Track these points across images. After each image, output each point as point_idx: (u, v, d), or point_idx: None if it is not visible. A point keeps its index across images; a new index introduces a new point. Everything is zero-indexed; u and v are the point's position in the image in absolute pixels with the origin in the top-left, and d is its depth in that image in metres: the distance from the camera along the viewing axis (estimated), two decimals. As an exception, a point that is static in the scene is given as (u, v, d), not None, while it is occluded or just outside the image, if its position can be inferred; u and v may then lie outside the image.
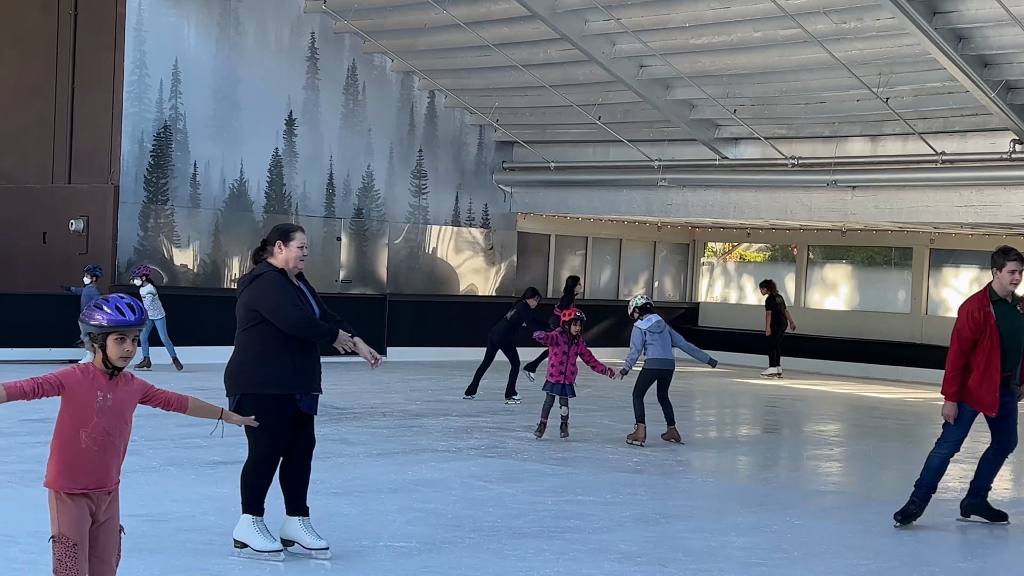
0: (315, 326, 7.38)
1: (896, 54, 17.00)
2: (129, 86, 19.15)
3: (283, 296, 7.26)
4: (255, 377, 7.26)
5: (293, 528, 7.42)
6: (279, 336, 7.25)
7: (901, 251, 24.62)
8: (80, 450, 5.04)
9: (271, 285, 7.29)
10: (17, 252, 21.13)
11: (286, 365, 7.27)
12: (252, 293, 7.32)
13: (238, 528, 7.33)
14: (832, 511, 9.92)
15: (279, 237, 7.42)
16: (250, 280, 7.40)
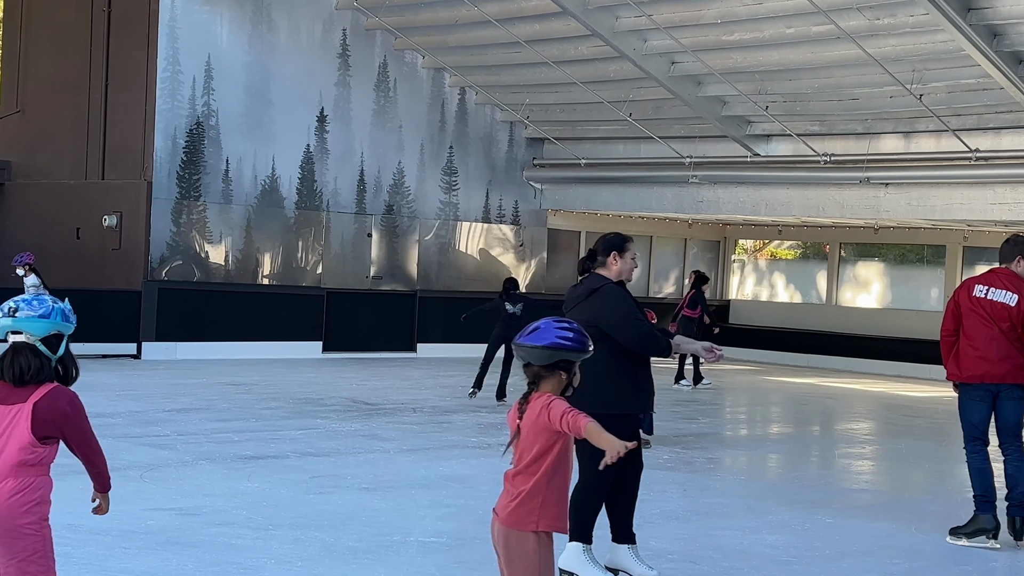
0: (656, 341, 6.90)
1: (930, 50, 16.88)
2: (162, 83, 19.26)
3: (628, 310, 6.78)
4: (599, 396, 6.48)
5: (622, 556, 7.05)
6: (621, 353, 6.78)
7: (934, 249, 24.46)
8: None
9: (614, 299, 6.81)
10: (51, 248, 21.28)
11: (628, 384, 6.83)
12: (593, 308, 6.77)
13: (565, 557, 6.81)
14: (864, 510, 9.87)
15: (614, 247, 6.93)
16: (587, 294, 6.86)
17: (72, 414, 4.48)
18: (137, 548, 7.18)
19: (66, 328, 4.52)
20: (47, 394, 4.40)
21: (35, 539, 4.43)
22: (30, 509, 4.41)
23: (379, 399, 15.27)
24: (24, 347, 4.42)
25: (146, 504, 8.39)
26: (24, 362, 4.39)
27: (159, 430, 11.80)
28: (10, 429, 4.39)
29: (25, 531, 4.41)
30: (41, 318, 4.44)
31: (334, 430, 12.45)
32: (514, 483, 4.70)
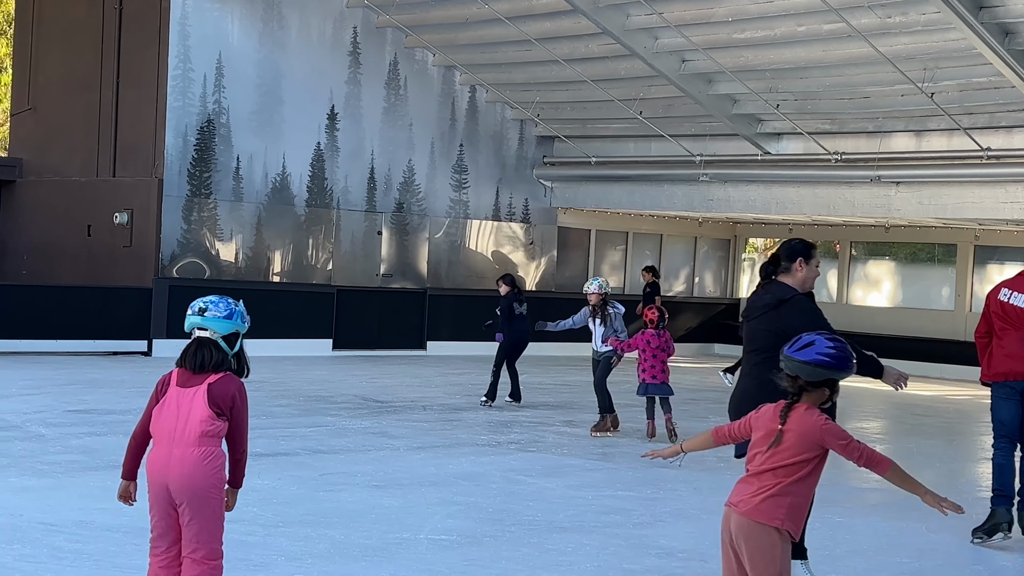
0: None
1: (941, 49, 16.84)
2: (173, 80, 19.29)
3: (824, 325, 6.35)
4: None
5: (797, 572, 6.84)
6: None
7: (945, 247, 24.40)
8: None
9: (808, 312, 6.52)
10: (62, 245, 21.34)
11: None
12: (784, 319, 6.45)
13: None
14: (875, 509, 9.85)
15: (800, 254, 6.66)
16: (775, 303, 6.58)
17: (238, 399, 5.08)
18: (148, 544, 7.18)
19: (242, 328, 5.23)
20: (221, 378, 5.05)
21: (216, 503, 4.99)
22: (214, 474, 4.98)
23: (389, 397, 15.28)
24: (208, 342, 5.09)
25: (157, 501, 8.40)
26: (206, 354, 5.06)
27: (170, 427, 11.80)
28: (190, 406, 4.99)
29: (210, 493, 4.98)
30: (225, 318, 5.13)
31: (344, 427, 12.46)
32: (761, 479, 4.92)
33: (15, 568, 6.56)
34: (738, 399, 6.64)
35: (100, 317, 18.47)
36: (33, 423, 11.55)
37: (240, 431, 5.12)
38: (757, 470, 4.96)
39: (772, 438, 4.95)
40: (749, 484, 4.98)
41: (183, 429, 4.98)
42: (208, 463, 4.97)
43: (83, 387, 14.44)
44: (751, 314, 6.77)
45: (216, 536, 5.01)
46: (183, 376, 5.08)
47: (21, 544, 7.06)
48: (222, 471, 5.05)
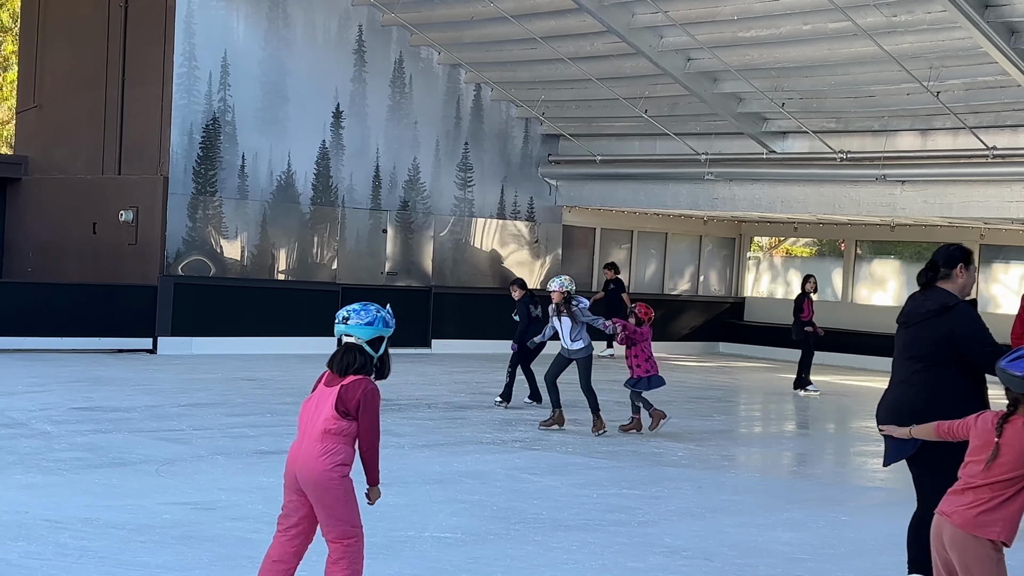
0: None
1: (947, 48, 16.82)
2: (179, 78, 19.29)
3: (988, 334, 6.29)
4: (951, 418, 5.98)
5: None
6: (973, 378, 6.31)
7: (950, 247, 24.33)
8: None
9: (975, 321, 6.36)
10: (67, 242, 21.36)
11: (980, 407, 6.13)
12: (952, 327, 6.32)
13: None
14: (879, 507, 9.85)
15: (959, 260, 6.48)
16: (939, 310, 6.39)
17: (366, 401, 5.43)
18: (153, 542, 7.21)
19: (386, 332, 5.57)
20: (355, 381, 5.44)
21: (337, 491, 5.46)
22: (335, 467, 5.44)
23: (393, 395, 15.28)
24: (353, 347, 5.51)
25: (162, 498, 8.43)
26: (350, 358, 5.48)
27: (175, 425, 11.84)
28: (323, 405, 5.45)
29: (332, 484, 5.45)
30: (367, 325, 5.52)
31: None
32: (977, 493, 5.04)
33: (20, 565, 6.58)
34: (892, 405, 6.47)
35: (105, 315, 18.49)
36: (38, 420, 11.57)
37: (367, 431, 5.47)
38: (973, 483, 5.07)
39: (989, 450, 5.06)
40: (963, 496, 5.09)
41: (313, 425, 5.47)
42: (325, 458, 5.42)
43: (88, 384, 14.46)
44: (911, 320, 6.61)
45: (344, 519, 5.51)
46: (330, 377, 5.54)
47: (27, 541, 7.07)
48: (339, 467, 5.44)
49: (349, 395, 5.40)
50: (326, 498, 5.48)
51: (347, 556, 5.60)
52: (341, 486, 5.48)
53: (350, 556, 5.61)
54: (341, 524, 5.54)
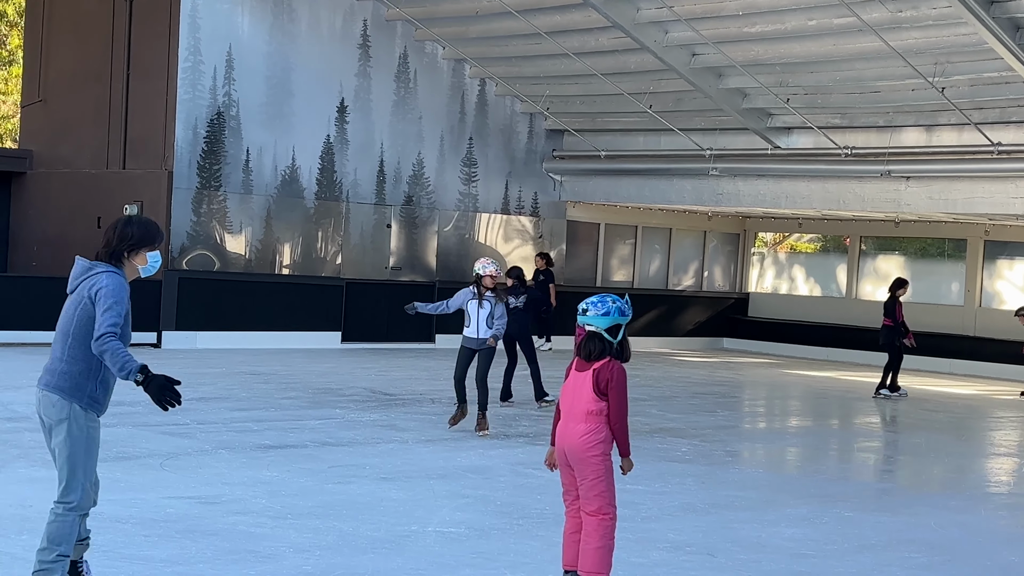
0: None
1: (952, 43, 16.80)
2: (183, 73, 19.30)
3: None
4: None
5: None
6: None
7: (955, 243, 24.35)
8: None
9: None
10: (72, 237, 21.36)
11: None
12: None
13: None
14: (883, 503, 9.85)
15: None
16: None
17: (614, 380, 6.15)
18: (157, 536, 7.22)
19: (622, 320, 6.26)
20: (603, 364, 6.18)
21: (598, 467, 6.16)
22: (595, 445, 6.16)
23: (397, 389, 15.30)
24: (594, 335, 6.23)
25: (166, 492, 8.44)
26: (592, 345, 6.22)
27: (179, 419, 11.84)
28: (581, 388, 6.20)
29: (592, 461, 6.17)
30: (603, 315, 6.23)
31: (353, 420, 12.48)
32: None
33: (24, 558, 6.59)
34: None
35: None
36: (43, 414, 11.57)
37: (615, 407, 6.14)
38: None
39: None
40: None
41: (574, 406, 6.21)
42: (587, 436, 6.15)
43: (93, 379, 14.45)
44: None
45: (602, 495, 6.19)
46: (579, 363, 6.26)
47: (30, 535, 7.08)
48: (601, 443, 6.15)
49: (602, 376, 6.12)
50: (588, 472, 6.18)
51: (600, 530, 6.22)
52: (602, 464, 6.17)
53: (603, 531, 6.22)
54: (598, 499, 6.19)
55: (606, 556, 6.23)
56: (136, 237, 5.81)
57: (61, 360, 5.67)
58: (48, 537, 5.55)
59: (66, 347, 5.66)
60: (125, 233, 5.80)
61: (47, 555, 5.55)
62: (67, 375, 5.64)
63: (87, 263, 5.79)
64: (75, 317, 5.67)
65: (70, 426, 5.60)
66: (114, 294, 5.61)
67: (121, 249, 5.80)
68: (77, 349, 5.64)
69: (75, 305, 5.70)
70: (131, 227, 5.82)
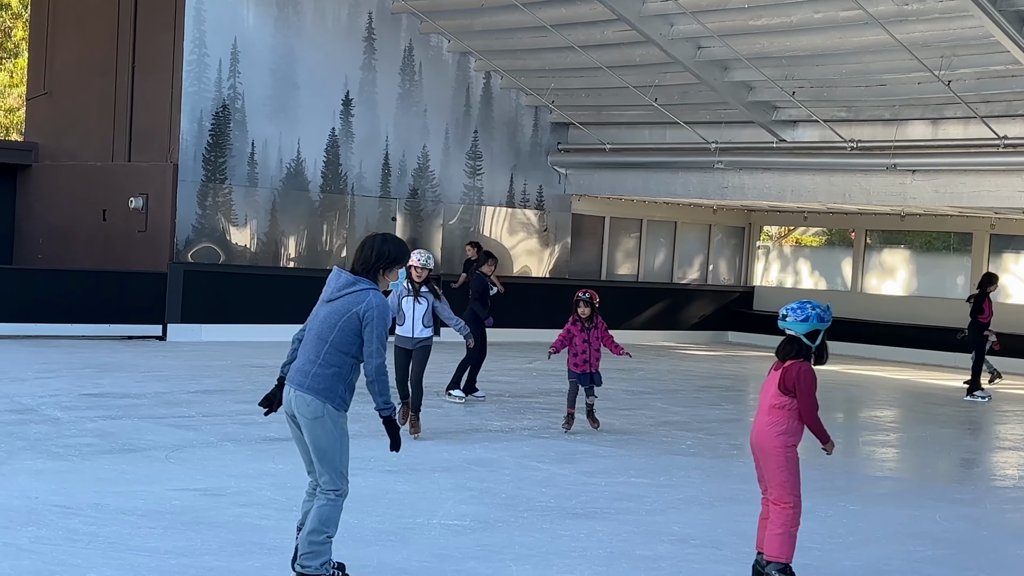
0: None
1: (959, 36, 16.76)
2: (188, 65, 19.30)
3: None
4: None
5: None
6: None
7: (961, 236, 24.32)
8: None
9: None
10: (78, 229, 21.40)
11: None
12: None
13: None
14: (888, 497, 9.84)
15: None
16: None
17: (799, 380, 6.51)
18: (162, 528, 7.23)
19: (821, 326, 6.62)
20: (790, 364, 6.57)
21: (779, 458, 6.58)
22: (775, 436, 6.57)
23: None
24: (792, 339, 6.64)
25: (171, 484, 8.45)
26: (788, 348, 6.62)
27: (184, 411, 11.86)
28: (770, 384, 6.64)
29: (773, 452, 6.59)
30: (801, 321, 6.60)
31: (357, 412, 12.38)
32: None
33: (30, 550, 6.60)
34: None
35: (115, 301, 18.53)
36: (48, 406, 11.60)
37: (803, 405, 6.51)
38: None
39: None
40: None
41: (763, 401, 6.67)
42: (770, 429, 6.56)
43: (98, 371, 14.49)
44: None
45: (783, 484, 6.57)
46: (777, 363, 6.66)
47: (36, 526, 7.10)
48: (781, 436, 6.55)
49: (788, 374, 6.52)
50: (769, 463, 6.59)
51: (781, 518, 6.59)
52: (783, 455, 6.55)
53: (783, 519, 6.59)
54: (778, 489, 6.58)
55: (787, 542, 6.60)
56: (392, 255, 6.22)
57: (315, 363, 6.12)
58: (319, 520, 6.07)
59: (322, 352, 6.11)
60: (383, 251, 6.19)
61: (316, 536, 6.08)
62: (320, 378, 6.10)
63: (350, 276, 6.17)
64: (337, 327, 6.10)
65: (325, 424, 6.09)
66: (381, 317, 6.12)
67: (378, 266, 6.19)
68: (333, 356, 6.10)
69: (339, 315, 6.10)
70: (388, 245, 6.23)
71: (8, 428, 10.29)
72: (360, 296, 6.08)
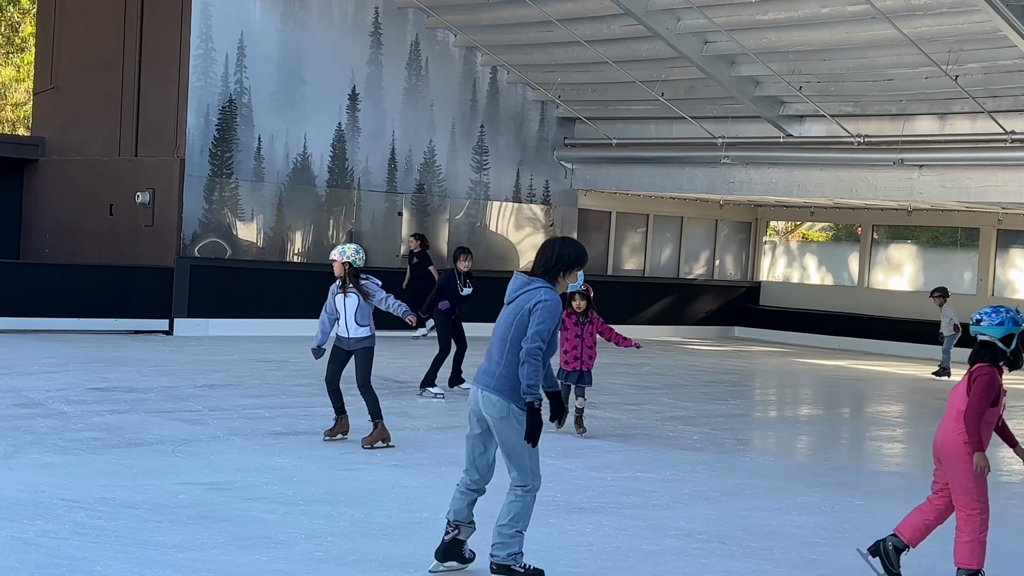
0: None
1: (966, 31, 16.72)
2: (195, 60, 19.30)
3: None
4: None
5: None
6: None
7: (968, 231, 24.28)
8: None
9: None
10: (84, 224, 21.41)
11: None
12: None
13: None
14: (895, 492, 9.82)
15: None
16: None
17: (975, 381, 6.51)
18: (169, 522, 7.24)
19: (1015, 329, 6.63)
20: (978, 367, 6.58)
21: (966, 464, 6.51)
22: (964, 444, 6.50)
23: (409, 377, 15.31)
24: (987, 343, 6.64)
25: (178, 478, 8.46)
26: (981, 353, 6.65)
27: (191, 405, 11.88)
28: (959, 388, 6.64)
29: (959, 458, 6.54)
30: (997, 326, 6.63)
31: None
32: None
33: (37, 544, 6.61)
34: None
35: (122, 296, 18.55)
36: (55, 401, 11.62)
37: (971, 400, 6.46)
38: None
39: None
40: None
41: (950, 406, 6.65)
42: (957, 435, 6.53)
43: (105, 365, 14.51)
44: None
45: (970, 492, 6.54)
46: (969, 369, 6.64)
47: (44, 520, 7.11)
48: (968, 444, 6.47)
49: (973, 376, 6.52)
50: (953, 469, 6.57)
51: (968, 525, 6.57)
52: (969, 463, 6.49)
53: (971, 527, 6.57)
54: (963, 495, 6.55)
55: (976, 549, 6.60)
56: (572, 257, 6.40)
57: (499, 364, 6.34)
58: (509, 516, 6.35)
59: (504, 352, 6.32)
60: (563, 254, 6.38)
61: (507, 530, 6.36)
62: (505, 378, 6.30)
63: (526, 278, 6.39)
64: (513, 325, 6.30)
65: (511, 423, 6.28)
66: (549, 310, 6.23)
67: (558, 268, 6.38)
68: (513, 355, 6.29)
69: (514, 314, 6.32)
70: (568, 248, 6.42)
71: (15, 422, 10.31)
72: (532, 294, 6.30)
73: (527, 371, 6.16)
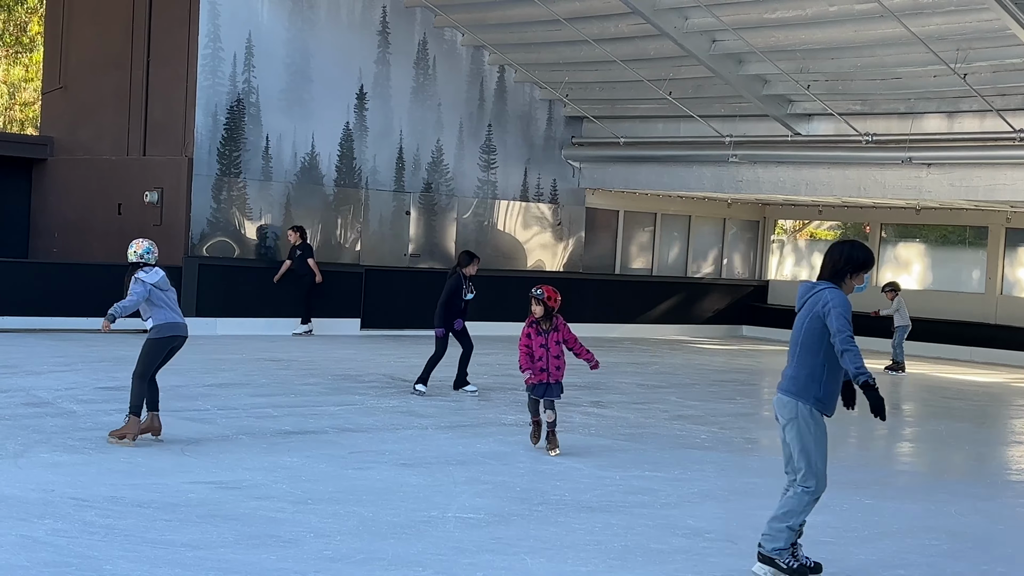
0: None
1: (974, 29, 16.69)
2: (203, 59, 19.32)
3: None
4: None
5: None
6: None
7: (976, 230, 24.24)
8: None
9: None
10: (93, 223, 21.46)
11: None
12: None
13: None
14: (903, 491, 9.82)
15: None
16: None
17: None
18: (178, 520, 7.25)
19: None
20: None
21: None
22: None
23: (417, 376, 15.30)
24: None
25: (187, 477, 8.48)
26: None
27: (200, 404, 11.90)
28: None
29: None
30: None
31: (372, 406, 12.50)
32: None
33: (47, 542, 6.63)
34: None
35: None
36: (64, 399, 11.65)
37: None
38: None
39: None
40: None
41: None
42: None
43: (114, 364, 14.54)
44: None
45: None
46: None
47: (53, 519, 7.13)
48: None
49: None
50: None
51: None
52: None
53: None
54: None
55: None
56: (860, 260, 6.60)
57: (791, 366, 6.61)
58: (783, 510, 6.59)
59: (796, 355, 6.57)
60: (852, 256, 6.58)
61: (777, 523, 6.59)
62: (795, 379, 6.57)
63: (810, 283, 6.67)
64: (803, 329, 6.54)
65: (798, 423, 6.55)
66: (839, 304, 6.41)
67: (846, 271, 6.58)
68: (805, 356, 6.53)
69: (804, 318, 6.56)
70: (856, 251, 6.62)
71: (25, 421, 10.34)
72: (818, 296, 6.51)
73: (848, 359, 6.32)
